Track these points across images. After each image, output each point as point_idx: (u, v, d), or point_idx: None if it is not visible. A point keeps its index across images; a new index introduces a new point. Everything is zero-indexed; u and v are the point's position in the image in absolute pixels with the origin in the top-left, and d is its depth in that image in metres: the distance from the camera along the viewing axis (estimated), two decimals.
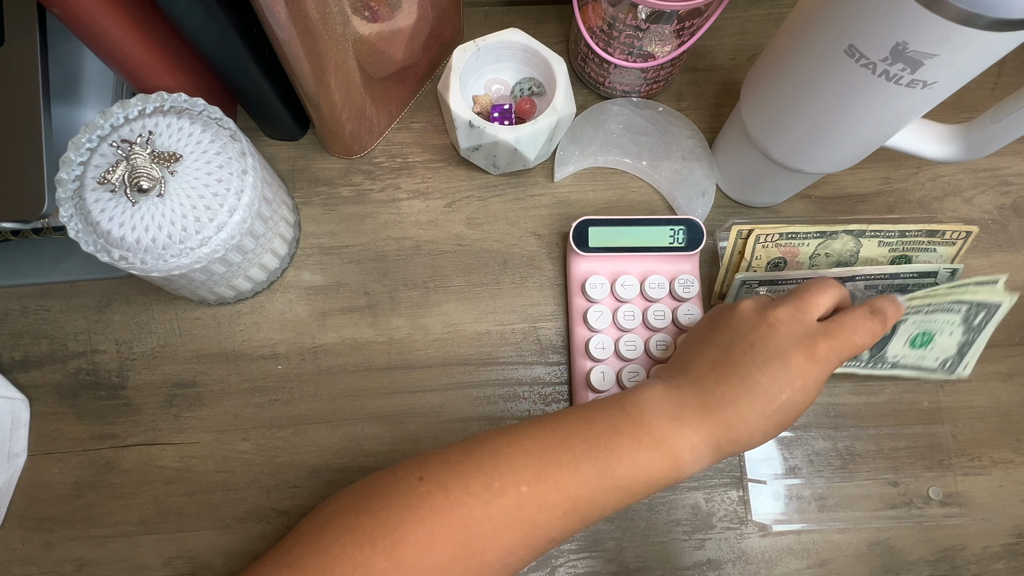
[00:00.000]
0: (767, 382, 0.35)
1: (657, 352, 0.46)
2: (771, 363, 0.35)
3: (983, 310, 0.43)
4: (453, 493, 0.32)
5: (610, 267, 0.48)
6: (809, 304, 0.37)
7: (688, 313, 0.46)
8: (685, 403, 0.35)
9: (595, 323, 0.46)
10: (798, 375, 0.35)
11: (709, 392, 0.35)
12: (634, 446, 0.34)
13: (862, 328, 0.37)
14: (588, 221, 0.47)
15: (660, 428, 0.34)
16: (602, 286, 0.47)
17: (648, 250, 0.47)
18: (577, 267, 0.48)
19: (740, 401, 0.35)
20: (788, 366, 0.35)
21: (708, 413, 0.35)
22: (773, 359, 0.35)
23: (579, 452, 0.33)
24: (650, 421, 0.35)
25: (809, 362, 0.35)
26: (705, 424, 0.35)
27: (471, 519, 0.31)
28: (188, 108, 0.40)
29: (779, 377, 0.35)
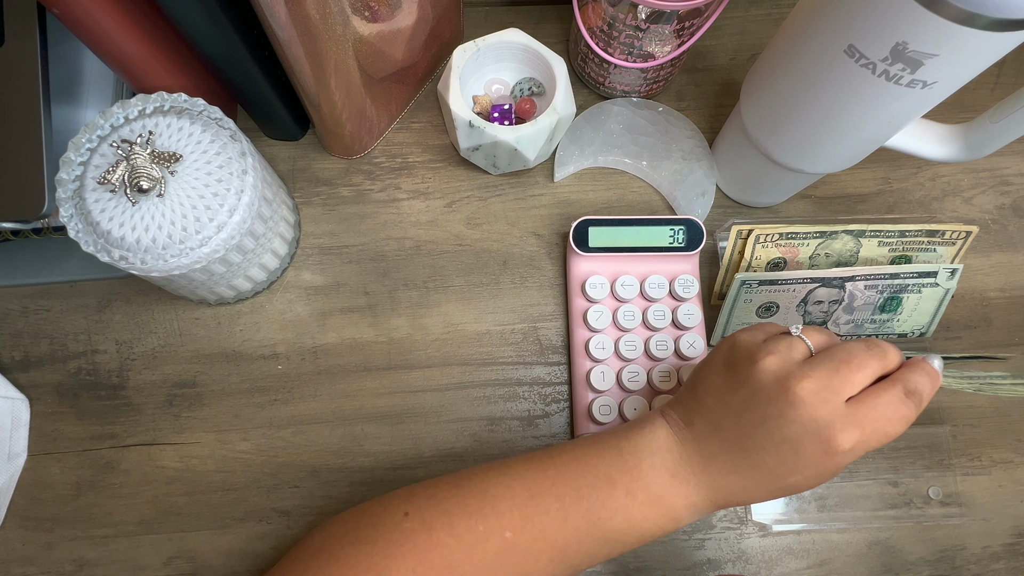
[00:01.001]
0: (774, 464, 0.31)
1: (657, 352, 0.46)
2: (781, 447, 0.31)
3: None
4: (436, 533, 0.31)
5: (610, 267, 0.48)
6: (843, 382, 0.30)
7: (688, 313, 0.46)
8: (686, 460, 0.33)
9: (595, 323, 0.46)
10: (811, 465, 0.31)
11: (712, 456, 0.32)
12: (628, 500, 0.32)
13: (896, 416, 0.31)
14: (588, 221, 0.47)
15: (657, 483, 0.32)
16: (602, 286, 0.47)
17: (648, 250, 0.47)
18: (577, 267, 0.48)
19: (743, 473, 0.32)
20: (800, 455, 0.31)
21: (708, 476, 0.32)
22: (784, 444, 0.31)
23: (568, 501, 0.32)
24: (648, 475, 0.32)
25: (826, 456, 0.30)
26: (704, 485, 0.32)
27: (454, 561, 0.31)
28: (188, 108, 0.40)
29: (788, 462, 0.31)
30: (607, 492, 0.32)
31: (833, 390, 0.30)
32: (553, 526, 0.32)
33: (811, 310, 0.47)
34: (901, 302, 0.46)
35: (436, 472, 0.46)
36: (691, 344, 0.46)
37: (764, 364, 0.32)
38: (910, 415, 0.31)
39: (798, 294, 0.46)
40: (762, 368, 0.32)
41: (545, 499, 0.32)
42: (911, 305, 0.47)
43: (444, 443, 0.47)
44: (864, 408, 0.30)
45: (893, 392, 0.31)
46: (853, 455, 0.30)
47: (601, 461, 0.33)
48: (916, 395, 0.31)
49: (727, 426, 0.32)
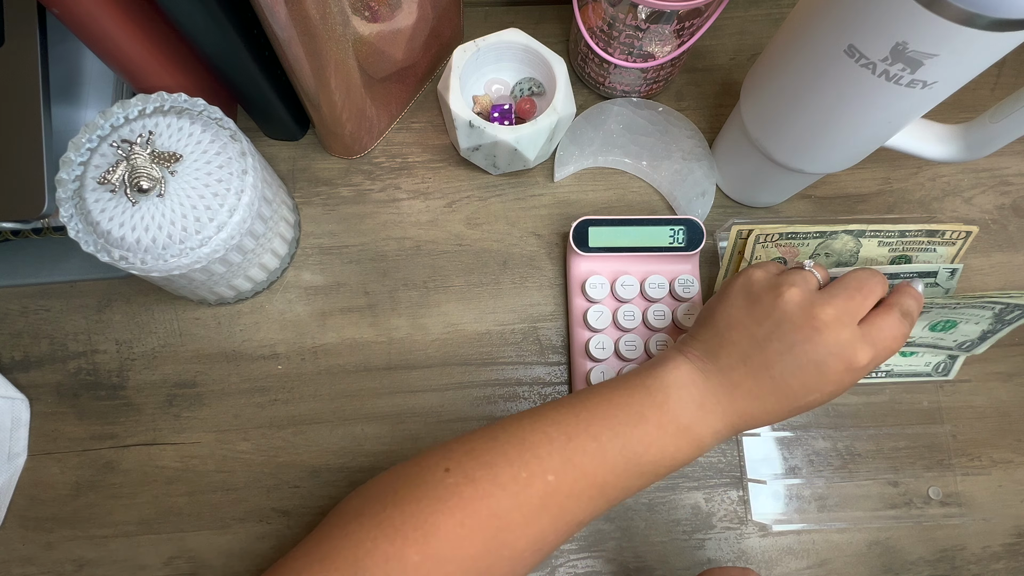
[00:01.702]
0: (798, 385, 0.34)
1: (657, 352, 0.46)
2: (807, 368, 0.34)
3: (1019, 310, 0.43)
4: (481, 484, 0.32)
5: (610, 267, 0.48)
6: (857, 307, 0.35)
7: (688, 313, 0.46)
8: (712, 391, 0.35)
9: (595, 323, 0.46)
10: (832, 382, 0.34)
11: (737, 384, 0.35)
12: (660, 433, 0.34)
13: (898, 334, 0.35)
14: (588, 221, 0.47)
15: (685, 415, 0.34)
16: (602, 286, 0.47)
17: (648, 250, 0.47)
18: (577, 267, 0.48)
19: (766, 397, 0.35)
20: (824, 373, 0.34)
21: (732, 403, 0.35)
22: (810, 365, 0.34)
23: (605, 439, 0.33)
24: (676, 408, 0.34)
25: (847, 371, 0.34)
26: (728, 412, 0.35)
27: (500, 510, 0.32)
28: (188, 108, 0.40)
29: (811, 382, 0.34)
30: (640, 427, 0.34)
31: (851, 314, 0.34)
32: (593, 465, 0.33)
33: None
34: None
35: None
36: None
37: (788, 295, 0.35)
38: (907, 332, 0.36)
39: None
40: (787, 299, 0.35)
41: (582, 440, 0.33)
42: None
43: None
44: (874, 329, 0.35)
45: (893, 314, 0.35)
46: (867, 370, 0.34)
47: (631, 399, 0.35)
48: (909, 315, 0.36)
49: (753, 355, 0.35)
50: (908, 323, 0.36)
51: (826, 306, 0.34)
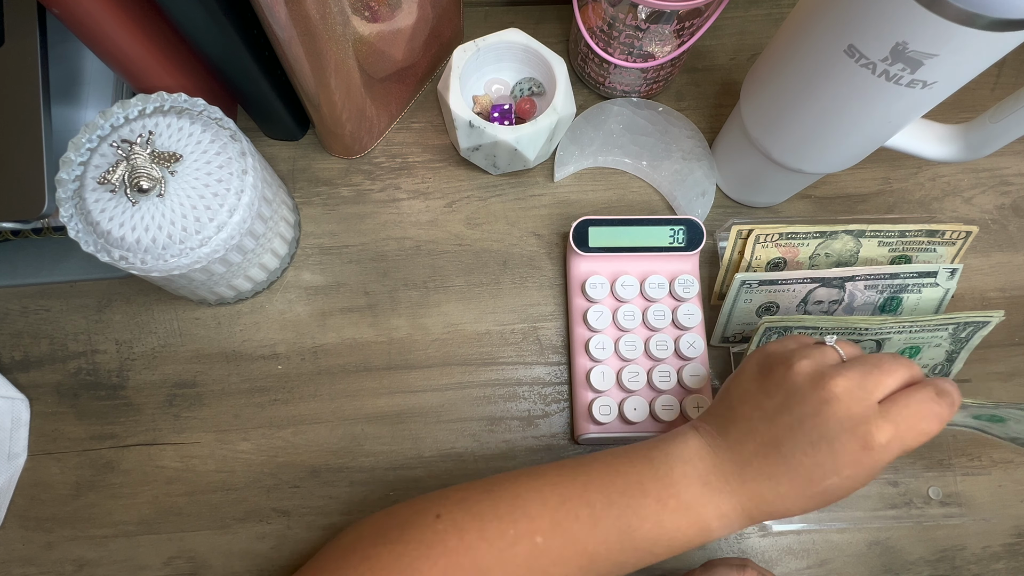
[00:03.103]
0: (811, 465, 0.31)
1: (657, 352, 0.46)
2: (819, 446, 0.31)
3: (971, 326, 0.44)
4: (468, 536, 0.31)
5: (610, 267, 0.48)
6: (876, 383, 0.31)
7: (688, 313, 0.46)
8: (719, 468, 0.32)
9: (595, 323, 0.46)
10: (848, 464, 0.31)
11: (746, 462, 0.32)
12: (658, 508, 0.32)
13: (929, 413, 0.31)
14: (588, 221, 0.47)
15: (689, 492, 0.32)
16: (602, 286, 0.47)
17: (648, 250, 0.47)
18: (577, 267, 0.48)
19: (779, 478, 0.31)
20: (837, 453, 0.31)
21: (742, 484, 0.32)
22: (821, 442, 0.31)
23: (599, 508, 0.32)
24: (679, 483, 0.32)
25: (863, 451, 0.30)
26: (737, 494, 0.32)
27: (484, 565, 0.31)
28: (188, 108, 0.40)
29: (825, 463, 0.31)
30: (638, 499, 0.32)
31: (867, 389, 0.31)
32: (583, 532, 0.32)
33: (811, 310, 0.47)
34: (901, 302, 0.46)
35: (436, 472, 0.46)
36: (691, 344, 0.46)
37: (799, 367, 0.33)
38: (943, 413, 0.32)
39: (798, 294, 0.46)
40: (797, 371, 0.32)
41: (576, 505, 0.32)
42: (911, 305, 0.47)
43: (444, 443, 0.47)
44: (897, 406, 0.31)
45: (925, 392, 0.32)
46: (890, 451, 0.31)
47: (632, 469, 0.33)
48: (947, 395, 0.32)
49: (762, 430, 0.32)
50: (946, 403, 0.32)
51: (838, 376, 0.31)
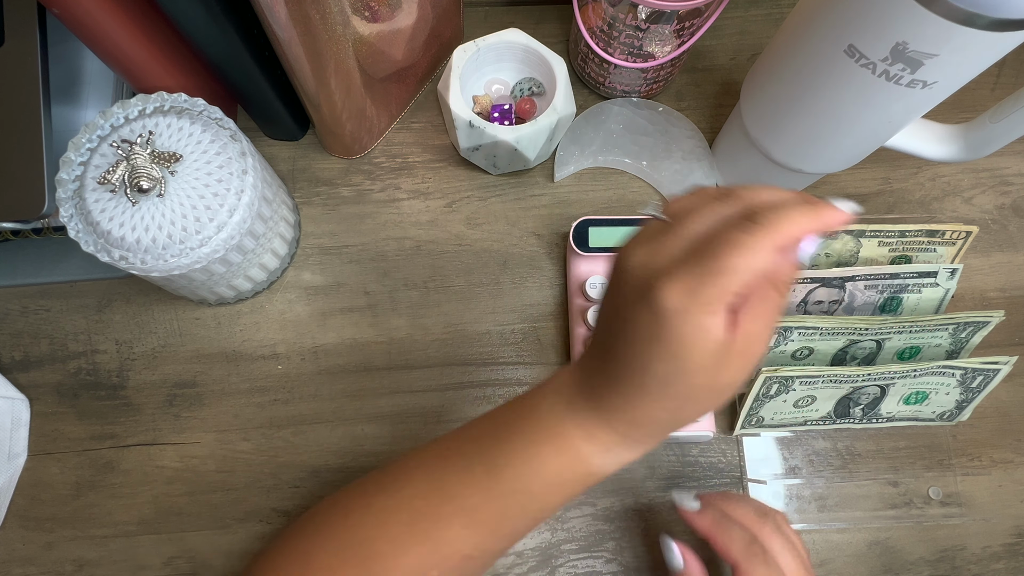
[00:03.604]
0: (639, 367, 0.26)
1: None
2: (647, 344, 0.25)
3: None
4: (353, 514, 0.31)
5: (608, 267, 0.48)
6: (722, 279, 0.23)
7: None
8: (582, 387, 0.29)
9: (594, 323, 0.46)
10: (678, 352, 0.24)
11: (596, 371, 0.28)
12: (526, 442, 0.29)
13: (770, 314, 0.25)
14: (588, 221, 0.47)
15: (552, 416, 0.29)
16: (602, 286, 0.47)
17: None
18: (577, 267, 0.48)
19: (628, 390, 0.27)
20: (662, 340, 0.25)
21: (600, 400, 0.28)
22: (650, 341, 0.25)
23: (472, 455, 0.30)
24: (545, 413, 0.29)
25: (697, 336, 0.24)
26: (597, 409, 0.28)
27: (367, 538, 0.30)
28: (188, 108, 0.40)
29: (651, 367, 0.25)
30: (505, 437, 0.29)
31: (709, 298, 0.23)
32: (458, 486, 0.30)
33: (811, 310, 0.47)
34: (901, 302, 0.46)
35: None
36: None
37: (629, 263, 0.26)
38: (782, 302, 0.26)
39: (798, 294, 0.46)
40: (626, 267, 0.26)
41: (453, 458, 0.31)
42: (911, 305, 0.47)
43: None
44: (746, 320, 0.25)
45: (765, 292, 0.25)
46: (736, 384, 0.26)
47: (507, 411, 0.31)
48: (784, 288, 0.26)
49: (598, 330, 0.28)
50: (784, 290, 0.26)
51: (672, 287, 0.24)
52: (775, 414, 0.45)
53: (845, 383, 0.43)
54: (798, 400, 0.44)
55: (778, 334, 0.43)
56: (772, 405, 0.44)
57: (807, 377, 0.43)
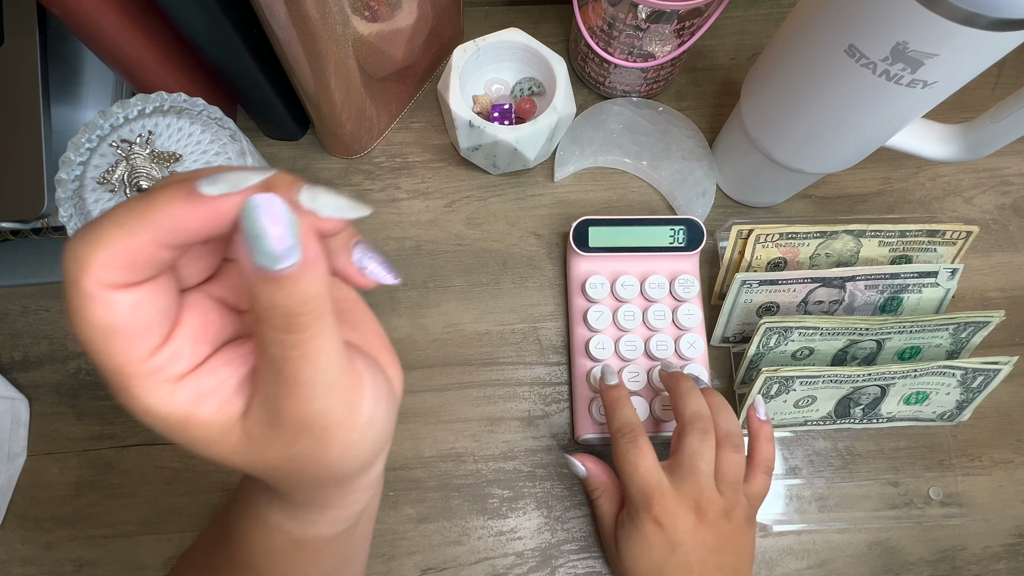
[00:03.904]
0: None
1: (657, 352, 0.46)
2: None
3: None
4: None
5: (610, 267, 0.48)
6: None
7: (688, 313, 0.46)
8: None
9: (595, 323, 0.46)
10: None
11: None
12: (233, 515, 0.27)
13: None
14: (588, 221, 0.47)
15: (247, 489, 0.26)
16: (602, 286, 0.47)
17: (648, 250, 0.47)
18: (577, 267, 0.48)
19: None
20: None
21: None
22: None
23: (215, 533, 0.28)
24: (245, 488, 0.27)
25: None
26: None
27: None
28: (188, 108, 0.40)
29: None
30: (225, 517, 0.27)
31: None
32: (212, 565, 0.27)
33: (811, 310, 0.47)
34: (901, 302, 0.46)
35: (436, 472, 0.46)
36: (691, 344, 0.46)
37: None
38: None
39: (798, 294, 0.46)
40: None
41: (209, 532, 0.29)
42: (911, 305, 0.47)
43: (444, 443, 0.47)
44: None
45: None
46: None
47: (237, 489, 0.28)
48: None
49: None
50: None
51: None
52: (775, 414, 0.45)
53: (845, 383, 0.43)
54: (798, 400, 0.44)
55: (778, 334, 0.43)
56: (772, 405, 0.44)
57: (807, 377, 0.43)
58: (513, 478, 0.46)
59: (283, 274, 0.16)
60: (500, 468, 0.46)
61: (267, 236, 0.16)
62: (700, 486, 0.37)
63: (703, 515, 0.37)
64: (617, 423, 0.40)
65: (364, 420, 0.20)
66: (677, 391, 0.41)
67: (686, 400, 0.40)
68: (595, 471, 0.43)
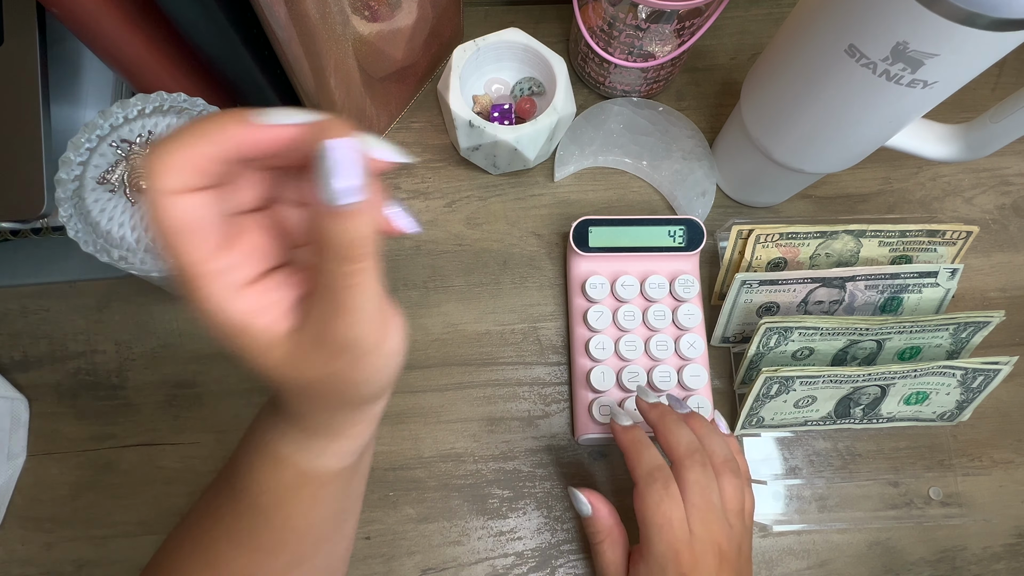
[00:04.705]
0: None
1: (657, 352, 0.46)
2: None
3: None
4: (164, 547, 0.31)
5: (610, 267, 0.48)
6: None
7: (688, 313, 0.46)
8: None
9: (595, 323, 0.46)
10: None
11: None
12: (243, 452, 0.30)
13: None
14: (588, 221, 0.47)
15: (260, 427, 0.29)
16: (602, 286, 0.47)
17: (648, 250, 0.47)
18: (577, 267, 0.48)
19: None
20: None
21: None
22: None
23: (223, 474, 0.30)
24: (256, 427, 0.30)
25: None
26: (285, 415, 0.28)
27: (166, 568, 0.30)
28: (187, 108, 0.40)
29: None
30: (235, 456, 0.30)
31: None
32: (220, 507, 0.29)
33: (811, 310, 0.47)
34: (902, 302, 0.46)
35: (436, 472, 0.46)
36: (691, 344, 0.46)
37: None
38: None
39: (798, 294, 0.46)
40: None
41: (217, 482, 0.31)
42: (912, 305, 0.47)
43: (444, 443, 0.47)
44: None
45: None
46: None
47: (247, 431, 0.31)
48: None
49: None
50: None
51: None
52: (775, 414, 0.45)
53: (846, 383, 0.43)
54: (798, 400, 0.44)
55: (778, 334, 0.43)
56: (772, 405, 0.44)
57: (807, 377, 0.43)
58: (513, 478, 0.46)
59: (349, 210, 0.19)
60: (500, 468, 0.46)
61: (340, 174, 0.18)
62: (718, 525, 0.36)
63: (724, 557, 0.36)
64: (643, 468, 0.37)
65: (389, 350, 0.23)
66: (664, 426, 0.39)
67: (676, 435, 0.38)
68: (602, 513, 0.40)
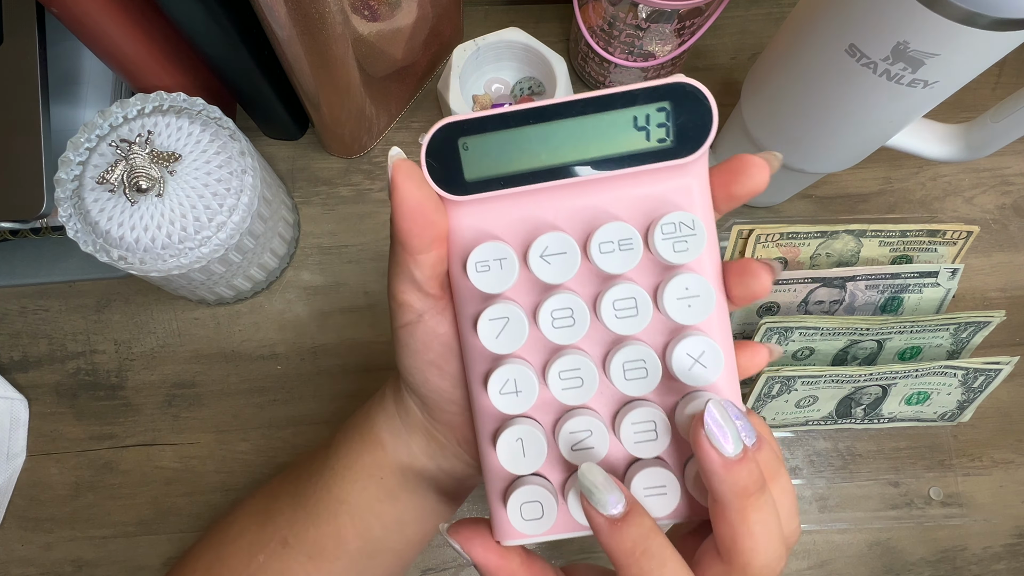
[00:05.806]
0: None
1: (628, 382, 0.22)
2: None
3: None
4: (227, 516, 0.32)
5: (515, 219, 0.22)
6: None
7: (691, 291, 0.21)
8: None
9: (493, 337, 0.21)
10: None
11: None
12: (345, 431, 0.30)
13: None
14: (459, 126, 0.21)
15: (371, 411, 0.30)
16: (501, 264, 0.21)
17: (598, 166, 0.21)
18: (453, 227, 0.22)
19: None
20: None
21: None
22: None
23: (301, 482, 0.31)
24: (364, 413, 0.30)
25: None
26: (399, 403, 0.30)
27: (224, 524, 0.31)
28: (187, 107, 0.40)
29: None
30: (339, 439, 0.30)
31: None
32: (297, 477, 0.30)
33: (812, 310, 0.47)
34: (902, 302, 0.46)
35: None
36: (701, 354, 0.21)
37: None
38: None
39: (799, 294, 0.45)
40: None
41: (277, 491, 0.31)
42: (912, 305, 0.47)
43: None
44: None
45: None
46: None
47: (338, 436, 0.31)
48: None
49: None
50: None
51: None
52: (776, 414, 0.45)
53: (847, 383, 0.43)
54: (800, 400, 0.44)
55: (779, 334, 0.43)
56: (774, 405, 0.44)
57: (809, 377, 0.43)
58: None
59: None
60: None
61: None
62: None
63: None
64: None
65: None
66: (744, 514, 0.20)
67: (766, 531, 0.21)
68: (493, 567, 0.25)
